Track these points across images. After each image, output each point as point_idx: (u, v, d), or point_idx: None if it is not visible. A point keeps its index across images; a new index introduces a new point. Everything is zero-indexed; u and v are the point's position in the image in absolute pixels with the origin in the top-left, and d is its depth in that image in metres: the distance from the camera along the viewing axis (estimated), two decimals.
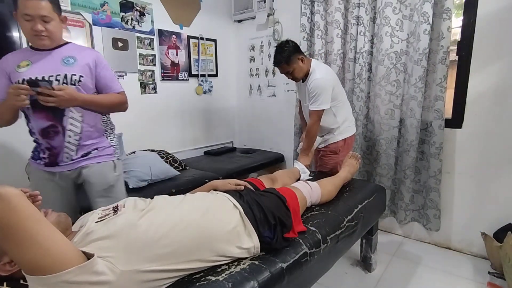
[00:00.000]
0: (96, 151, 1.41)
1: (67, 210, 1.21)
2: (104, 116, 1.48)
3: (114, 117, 1.55)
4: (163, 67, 2.64)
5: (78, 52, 1.36)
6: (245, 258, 1.05)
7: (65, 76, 1.29)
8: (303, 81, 2.00)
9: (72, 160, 1.36)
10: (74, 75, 1.30)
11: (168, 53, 2.66)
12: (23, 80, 1.23)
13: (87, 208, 1.37)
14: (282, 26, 2.87)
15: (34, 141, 1.37)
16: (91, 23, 2.15)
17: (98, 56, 1.41)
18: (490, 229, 1.97)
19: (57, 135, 1.30)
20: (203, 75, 3.01)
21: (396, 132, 2.20)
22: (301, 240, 1.19)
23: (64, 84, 1.28)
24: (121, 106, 1.47)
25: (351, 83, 2.35)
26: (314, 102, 1.86)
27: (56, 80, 1.27)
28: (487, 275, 1.88)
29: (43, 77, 1.25)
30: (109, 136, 1.50)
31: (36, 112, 1.28)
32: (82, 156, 1.37)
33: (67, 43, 1.38)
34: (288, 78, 1.98)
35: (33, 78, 1.23)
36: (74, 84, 1.30)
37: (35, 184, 1.39)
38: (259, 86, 3.17)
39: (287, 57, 1.85)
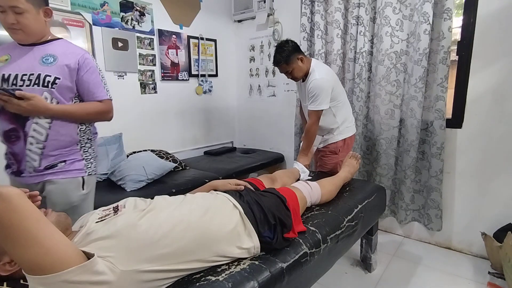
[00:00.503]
0: (63, 164, 1.24)
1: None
2: (83, 124, 1.31)
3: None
4: (163, 67, 2.64)
5: (63, 51, 1.23)
6: (245, 258, 1.05)
7: (38, 77, 1.17)
8: (303, 81, 2.00)
9: (35, 171, 1.21)
10: (49, 76, 1.17)
11: (168, 53, 2.66)
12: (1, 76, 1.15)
13: None
14: (282, 26, 2.87)
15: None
16: (91, 23, 2.15)
17: (85, 58, 1.26)
18: (490, 229, 1.97)
19: (18, 140, 1.18)
20: (203, 75, 3.01)
21: (396, 132, 2.20)
22: (301, 240, 1.19)
23: (35, 86, 1.16)
24: (102, 116, 1.33)
25: (351, 83, 2.35)
26: (313, 102, 1.87)
27: (29, 79, 1.16)
28: (487, 275, 1.88)
29: (15, 76, 1.17)
30: (84, 147, 1.32)
31: (2, 113, 1.18)
32: (46, 168, 1.22)
33: (58, 39, 1.28)
34: (288, 78, 1.98)
35: (7, 75, 1.15)
36: (47, 87, 1.18)
37: None
38: (259, 86, 3.17)
39: (287, 56, 1.85)
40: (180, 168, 2.43)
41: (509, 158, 1.91)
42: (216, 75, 3.15)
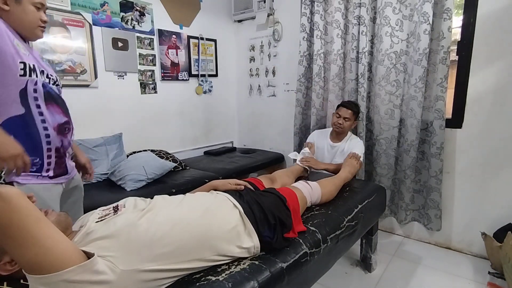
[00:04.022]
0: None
1: None
2: None
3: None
4: (163, 67, 2.64)
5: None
6: (245, 258, 1.05)
7: (57, 79, 1.22)
8: (335, 142, 2.16)
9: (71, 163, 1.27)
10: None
11: (168, 53, 2.66)
12: (25, 65, 1.07)
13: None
14: (282, 26, 2.87)
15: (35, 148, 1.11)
16: (91, 23, 2.15)
17: None
18: (490, 229, 1.97)
19: (69, 132, 1.22)
20: (203, 75, 3.01)
21: (396, 132, 2.20)
22: (301, 240, 1.19)
23: (58, 87, 1.21)
24: None
25: (354, 83, 2.35)
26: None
27: (53, 80, 1.19)
28: (487, 275, 1.88)
29: (46, 74, 1.16)
30: None
31: (54, 106, 1.16)
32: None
33: None
34: (337, 121, 2.08)
35: (31, 65, 1.09)
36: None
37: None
38: (259, 86, 3.17)
39: (357, 111, 2.14)
40: (180, 168, 2.43)
41: (509, 158, 1.91)
42: (216, 75, 3.15)
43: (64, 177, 1.22)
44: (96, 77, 2.21)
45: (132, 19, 2.38)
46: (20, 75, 1.06)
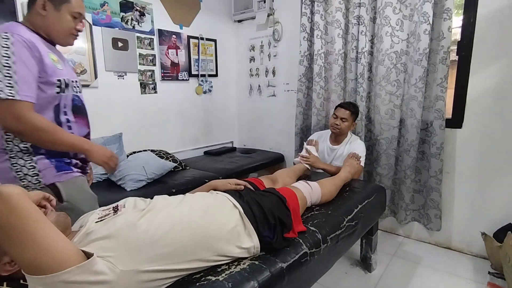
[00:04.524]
0: None
1: None
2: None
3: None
4: (163, 67, 2.64)
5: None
6: (245, 258, 1.05)
7: (80, 85, 1.26)
8: (334, 145, 2.16)
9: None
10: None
11: (168, 53, 2.66)
12: (61, 81, 1.09)
13: None
14: (282, 26, 2.87)
15: (58, 155, 1.15)
16: (91, 23, 2.15)
17: None
18: (490, 229, 1.97)
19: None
20: (203, 75, 3.01)
21: (396, 132, 2.20)
22: (301, 240, 1.19)
23: (81, 93, 1.25)
24: None
25: (354, 83, 2.35)
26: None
27: (78, 87, 1.23)
28: (487, 275, 1.88)
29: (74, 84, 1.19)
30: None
31: (81, 117, 1.20)
32: None
33: None
34: (335, 123, 2.08)
35: (66, 80, 1.13)
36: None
37: (74, 198, 1.15)
38: (259, 86, 3.17)
39: (355, 112, 2.10)
40: (180, 168, 2.43)
41: (508, 158, 1.91)
42: (216, 75, 3.15)
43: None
44: (96, 77, 2.21)
45: (132, 19, 2.38)
46: (56, 93, 1.11)
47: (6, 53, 0.97)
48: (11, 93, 0.96)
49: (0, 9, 1.77)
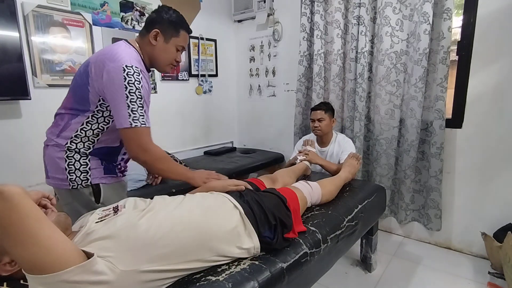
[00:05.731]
0: None
1: None
2: None
3: None
4: None
5: None
6: (245, 258, 1.05)
7: None
8: (322, 147, 2.19)
9: None
10: None
11: None
12: None
13: None
14: (282, 26, 2.87)
15: (110, 160, 1.29)
16: (91, 23, 2.15)
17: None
18: (490, 229, 1.97)
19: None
20: (203, 75, 3.01)
21: (396, 132, 2.20)
22: (301, 240, 1.19)
23: None
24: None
25: (353, 83, 2.35)
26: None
27: None
28: (487, 275, 1.88)
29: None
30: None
31: (115, 133, 1.26)
32: None
33: None
34: (314, 127, 2.12)
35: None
36: None
37: (109, 201, 1.23)
38: (259, 86, 3.17)
39: (328, 109, 2.11)
40: None
41: (509, 158, 1.91)
42: (216, 75, 3.15)
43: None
44: None
45: (132, 19, 2.38)
46: None
47: (139, 87, 1.12)
48: (143, 121, 1.15)
49: (0, 9, 1.77)
